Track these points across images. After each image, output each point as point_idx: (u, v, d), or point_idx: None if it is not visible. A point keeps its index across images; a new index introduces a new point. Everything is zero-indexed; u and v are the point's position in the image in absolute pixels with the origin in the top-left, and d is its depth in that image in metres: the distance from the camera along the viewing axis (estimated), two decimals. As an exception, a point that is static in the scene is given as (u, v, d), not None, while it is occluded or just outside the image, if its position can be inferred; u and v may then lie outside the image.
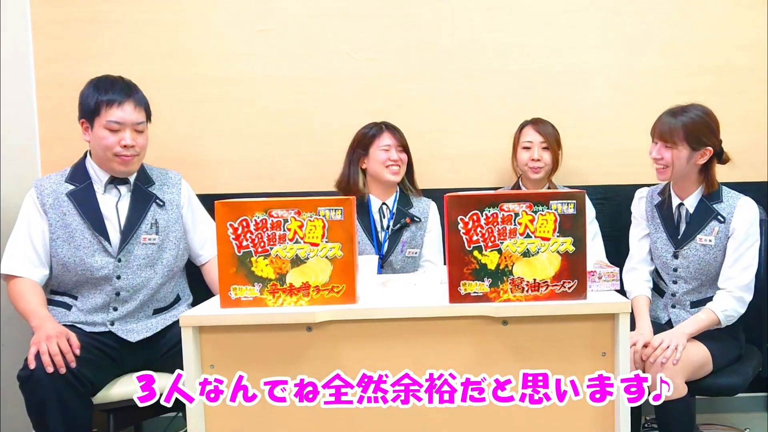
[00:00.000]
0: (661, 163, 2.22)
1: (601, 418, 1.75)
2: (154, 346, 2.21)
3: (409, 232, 2.54)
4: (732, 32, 2.80)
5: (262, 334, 1.72)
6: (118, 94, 2.13)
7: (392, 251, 2.50)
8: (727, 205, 2.24)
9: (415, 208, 2.58)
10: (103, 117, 2.11)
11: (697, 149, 2.19)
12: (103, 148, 2.13)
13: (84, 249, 2.14)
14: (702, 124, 2.18)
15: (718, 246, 2.23)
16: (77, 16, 2.73)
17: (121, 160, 2.15)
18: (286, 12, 2.78)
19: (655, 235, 2.33)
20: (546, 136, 2.56)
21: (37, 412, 1.94)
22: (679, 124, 2.17)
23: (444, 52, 2.80)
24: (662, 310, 2.35)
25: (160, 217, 2.23)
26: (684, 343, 2.10)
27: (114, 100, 2.12)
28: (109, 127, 2.11)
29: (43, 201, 2.15)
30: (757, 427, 2.80)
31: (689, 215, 2.27)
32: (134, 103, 2.15)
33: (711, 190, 2.25)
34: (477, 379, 1.73)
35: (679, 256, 2.27)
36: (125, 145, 2.12)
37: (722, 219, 2.22)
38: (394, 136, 2.55)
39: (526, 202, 1.69)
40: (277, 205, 1.71)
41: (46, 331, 1.97)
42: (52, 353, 1.93)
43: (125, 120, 2.12)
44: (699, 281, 2.27)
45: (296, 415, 1.74)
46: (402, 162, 2.54)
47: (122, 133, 2.12)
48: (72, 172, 2.21)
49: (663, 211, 2.32)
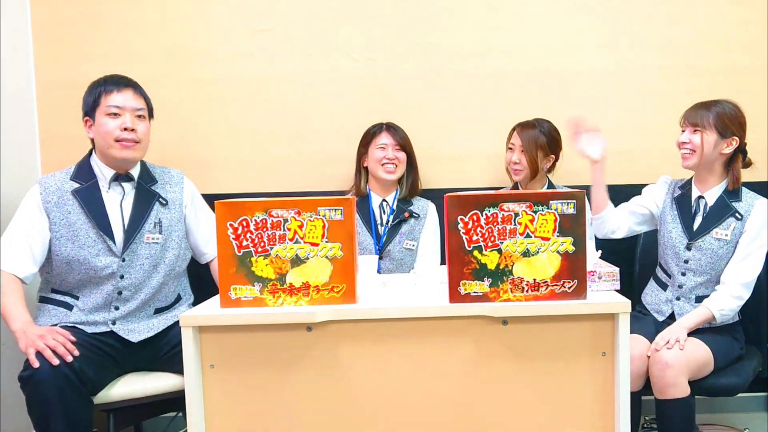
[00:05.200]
0: (687, 147, 2.26)
1: (601, 418, 1.75)
2: (155, 345, 2.21)
3: (407, 226, 2.60)
4: (732, 32, 2.80)
5: (262, 334, 1.72)
6: (117, 83, 2.17)
7: (391, 242, 2.56)
8: (746, 204, 2.27)
9: (415, 206, 2.64)
10: (102, 105, 2.14)
11: (724, 137, 2.23)
12: (103, 134, 2.14)
13: (88, 248, 2.14)
14: (732, 114, 2.25)
15: (731, 242, 2.25)
16: (77, 16, 2.73)
17: (121, 146, 2.15)
18: (286, 12, 2.78)
19: (671, 225, 2.34)
20: (525, 141, 2.57)
21: (39, 412, 1.94)
22: (710, 111, 2.24)
23: (444, 52, 2.80)
24: (665, 304, 2.35)
25: (163, 216, 2.23)
26: (684, 336, 2.13)
27: (113, 88, 2.15)
28: (109, 112, 2.14)
29: (47, 199, 2.14)
30: (757, 427, 2.80)
31: (707, 208, 2.29)
32: (133, 90, 2.18)
33: (734, 187, 2.29)
34: (477, 379, 1.74)
35: (692, 248, 2.28)
36: (126, 128, 2.13)
37: (740, 216, 2.25)
38: (391, 135, 2.59)
39: (526, 202, 1.69)
40: (277, 205, 1.71)
41: (34, 332, 1.98)
42: (52, 347, 1.93)
43: (125, 104, 2.15)
44: (708, 275, 2.28)
45: (296, 415, 1.74)
46: (399, 161, 2.58)
47: (122, 118, 2.14)
48: (77, 170, 2.21)
49: (681, 203, 2.34)
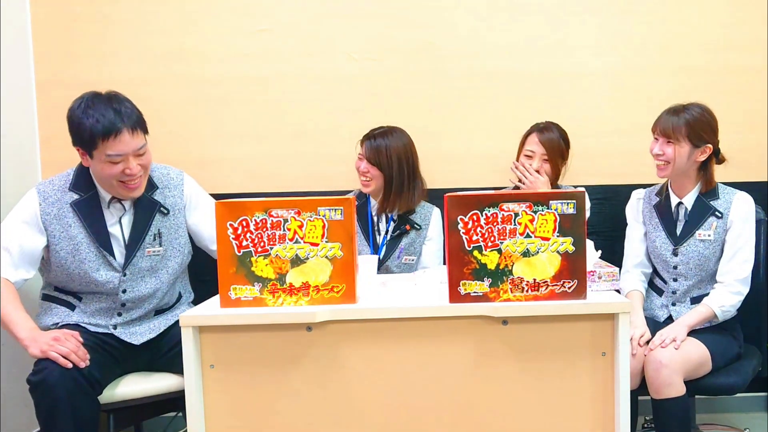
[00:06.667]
0: (662, 159, 2.25)
1: (601, 418, 1.75)
2: (155, 346, 2.20)
3: (407, 239, 2.51)
4: (732, 32, 2.80)
5: (262, 334, 1.72)
6: (110, 123, 1.97)
7: (389, 257, 2.48)
8: (724, 201, 2.28)
9: (417, 214, 2.54)
10: (101, 150, 1.99)
11: (698, 146, 2.23)
12: (106, 177, 2.05)
13: (89, 263, 2.10)
14: (704, 121, 2.23)
15: (716, 241, 2.26)
16: (77, 16, 2.73)
17: (126, 187, 2.07)
18: (286, 12, 2.78)
19: (654, 234, 2.34)
20: (549, 149, 2.51)
21: (48, 415, 1.92)
22: (681, 121, 2.22)
23: (444, 52, 2.80)
24: (660, 309, 2.35)
25: (162, 225, 2.19)
26: (684, 334, 2.14)
27: (109, 132, 1.97)
28: (110, 160, 2.01)
29: (47, 211, 2.09)
30: (757, 427, 2.80)
31: (687, 213, 2.30)
32: (129, 129, 2.00)
33: (708, 188, 2.29)
34: (477, 379, 1.74)
35: (678, 253, 2.29)
36: (130, 173, 2.03)
37: (720, 214, 2.26)
38: (366, 149, 2.48)
39: (526, 202, 1.69)
40: (277, 205, 1.71)
41: (46, 338, 1.95)
42: (64, 354, 1.91)
43: (125, 151, 2.01)
44: (699, 277, 2.29)
45: (296, 415, 1.74)
46: (372, 176, 2.47)
47: (125, 163, 2.02)
48: (75, 179, 2.13)
49: (661, 211, 2.34)
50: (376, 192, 2.51)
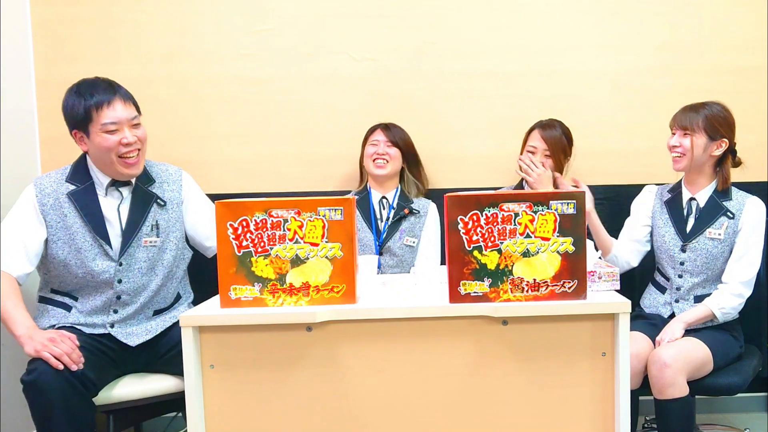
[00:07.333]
0: (678, 150, 2.28)
1: (601, 418, 1.75)
2: (154, 347, 2.20)
3: (407, 223, 2.60)
4: (732, 32, 2.80)
5: (262, 334, 1.72)
6: (102, 94, 2.08)
7: (391, 238, 2.56)
8: (737, 203, 2.29)
9: (415, 205, 2.64)
10: (96, 122, 2.06)
11: (714, 139, 2.26)
12: (105, 151, 2.09)
13: (85, 252, 2.12)
14: (721, 117, 2.27)
15: (725, 241, 2.27)
16: (77, 16, 2.73)
17: (125, 163, 2.11)
18: (286, 12, 2.78)
19: (663, 229, 2.35)
20: (551, 144, 2.55)
21: (42, 416, 1.92)
22: (698, 114, 2.26)
23: (444, 52, 2.80)
24: (663, 306, 2.36)
25: (160, 217, 2.21)
26: (680, 330, 2.17)
27: (102, 101, 2.06)
28: (106, 129, 2.07)
29: (43, 201, 2.12)
30: (757, 427, 2.79)
31: (699, 209, 2.31)
32: (121, 99, 2.10)
33: (723, 187, 2.31)
34: (477, 379, 1.74)
35: (686, 250, 2.30)
36: (127, 143, 2.09)
37: (731, 215, 2.27)
38: (384, 133, 2.61)
39: (526, 202, 1.69)
40: (277, 205, 1.71)
41: (42, 337, 1.95)
42: (57, 355, 1.91)
43: (120, 119, 2.08)
44: (705, 275, 2.30)
45: (296, 415, 1.74)
46: (390, 156, 2.59)
47: (121, 133, 2.08)
48: (72, 172, 2.18)
49: (672, 207, 2.36)
50: (391, 174, 2.61)
